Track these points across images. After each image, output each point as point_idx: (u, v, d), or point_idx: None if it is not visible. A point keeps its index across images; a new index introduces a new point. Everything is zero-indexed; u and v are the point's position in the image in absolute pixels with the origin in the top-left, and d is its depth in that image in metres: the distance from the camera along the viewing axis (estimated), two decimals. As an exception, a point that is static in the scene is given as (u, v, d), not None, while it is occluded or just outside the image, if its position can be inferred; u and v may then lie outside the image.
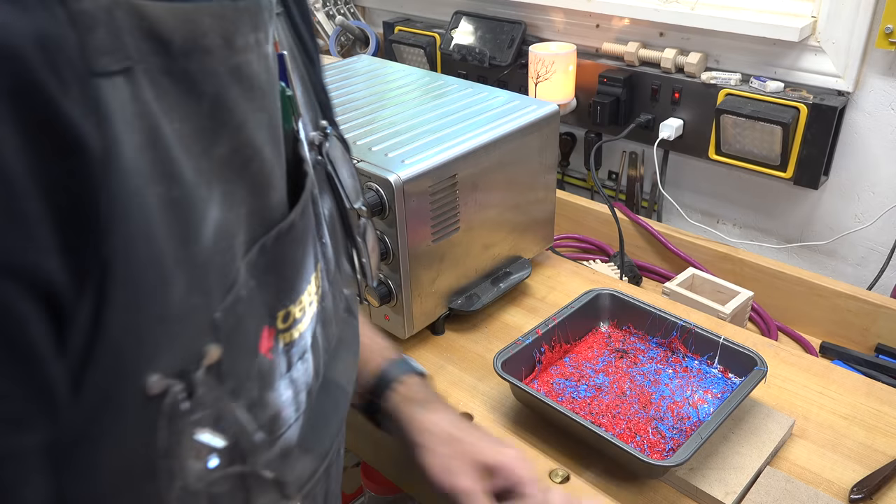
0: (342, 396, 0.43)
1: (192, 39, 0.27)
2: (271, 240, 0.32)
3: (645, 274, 1.22)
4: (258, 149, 0.31)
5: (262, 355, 0.32)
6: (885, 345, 1.02)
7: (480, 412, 0.81)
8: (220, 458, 0.30)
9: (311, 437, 0.38)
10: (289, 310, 0.34)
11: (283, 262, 0.33)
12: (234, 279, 0.30)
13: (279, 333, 0.33)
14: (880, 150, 1.15)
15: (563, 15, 1.44)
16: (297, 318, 0.35)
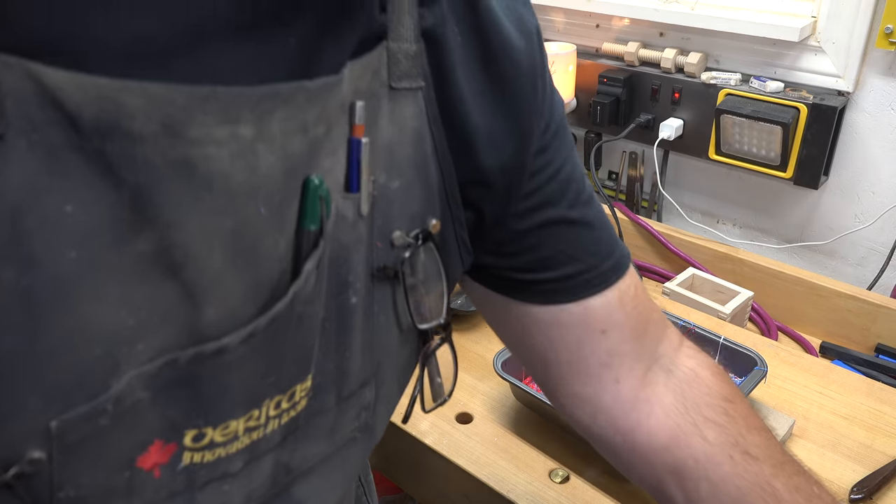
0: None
1: (110, 120, 0.24)
2: (185, 359, 0.27)
3: (645, 274, 1.22)
4: (196, 256, 0.26)
5: (139, 470, 0.28)
6: (885, 345, 1.02)
7: (480, 412, 0.81)
8: None
9: None
10: (202, 431, 0.29)
11: (199, 381, 0.28)
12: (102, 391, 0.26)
13: (185, 451, 0.29)
14: (880, 150, 1.16)
15: (563, 15, 1.44)
16: (219, 441, 0.30)
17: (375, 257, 0.34)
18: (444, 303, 0.39)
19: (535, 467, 0.73)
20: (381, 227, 0.34)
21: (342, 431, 0.37)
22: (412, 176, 0.35)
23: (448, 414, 0.80)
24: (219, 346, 0.28)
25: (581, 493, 0.70)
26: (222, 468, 0.31)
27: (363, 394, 0.37)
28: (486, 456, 0.74)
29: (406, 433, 0.78)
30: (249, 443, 0.31)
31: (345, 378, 0.35)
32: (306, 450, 0.35)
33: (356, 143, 0.31)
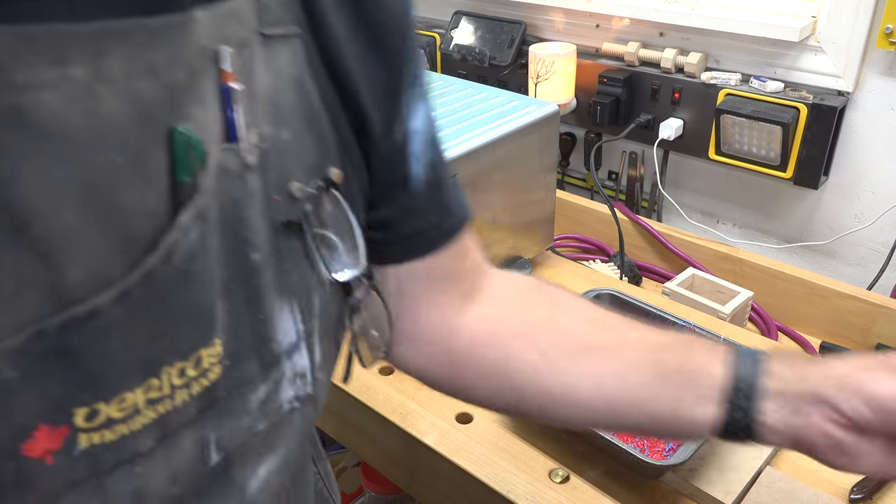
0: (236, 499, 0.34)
1: None
2: (54, 327, 0.25)
3: (645, 274, 1.22)
4: (42, 212, 0.24)
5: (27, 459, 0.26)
6: (885, 345, 1.02)
7: (480, 412, 0.81)
8: None
9: None
10: (94, 407, 0.27)
11: (78, 353, 0.26)
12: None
13: (79, 433, 0.27)
14: (880, 150, 1.16)
15: (563, 15, 1.44)
16: (117, 417, 0.27)
17: (276, 212, 0.33)
18: (359, 252, 0.38)
19: (535, 467, 0.73)
20: (277, 180, 0.33)
21: (276, 403, 0.35)
22: (301, 126, 0.34)
23: (448, 414, 0.80)
24: (90, 309, 0.26)
25: (581, 493, 0.70)
26: (130, 448, 0.28)
27: (294, 360, 0.35)
28: (486, 456, 0.74)
29: (406, 433, 0.78)
30: (157, 417, 0.29)
31: (265, 343, 0.33)
32: (235, 425, 0.33)
33: (226, 89, 0.30)
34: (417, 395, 0.83)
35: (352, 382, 0.85)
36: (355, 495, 1.21)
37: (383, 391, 0.84)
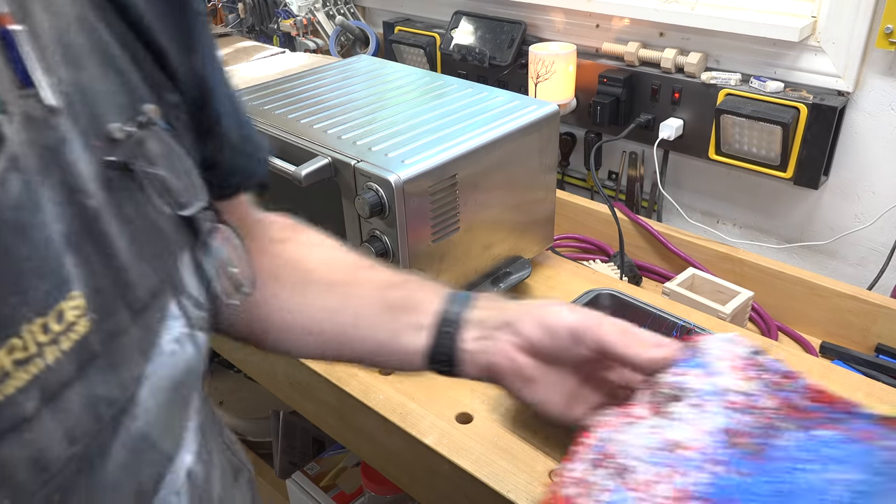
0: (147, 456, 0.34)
1: None
2: None
3: (645, 274, 1.22)
4: None
5: None
6: (885, 345, 1.02)
7: (480, 412, 0.81)
8: None
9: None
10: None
11: None
12: None
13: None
14: (880, 150, 1.16)
15: (563, 15, 1.44)
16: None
17: (101, 156, 0.32)
18: (196, 186, 0.38)
19: (535, 467, 0.73)
20: (92, 123, 0.32)
21: (157, 349, 0.35)
22: (99, 66, 0.34)
23: (448, 414, 0.80)
24: None
25: (581, 493, 0.70)
26: (10, 414, 0.27)
27: (162, 304, 0.35)
28: (486, 456, 0.74)
29: (406, 433, 0.78)
30: (31, 378, 0.28)
31: (128, 290, 0.33)
32: (122, 375, 0.32)
33: (5, 33, 0.28)
34: (417, 395, 0.83)
35: (352, 382, 0.85)
36: (355, 495, 1.21)
37: (383, 391, 0.84)
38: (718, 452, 0.42)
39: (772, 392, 0.45)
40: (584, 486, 0.43)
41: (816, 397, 0.45)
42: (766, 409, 0.44)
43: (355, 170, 0.81)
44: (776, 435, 0.43)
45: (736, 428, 0.43)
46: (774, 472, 0.41)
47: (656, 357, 0.49)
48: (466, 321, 0.52)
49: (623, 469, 0.43)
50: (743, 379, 0.45)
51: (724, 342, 0.48)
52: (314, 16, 1.82)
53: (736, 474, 0.41)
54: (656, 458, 0.43)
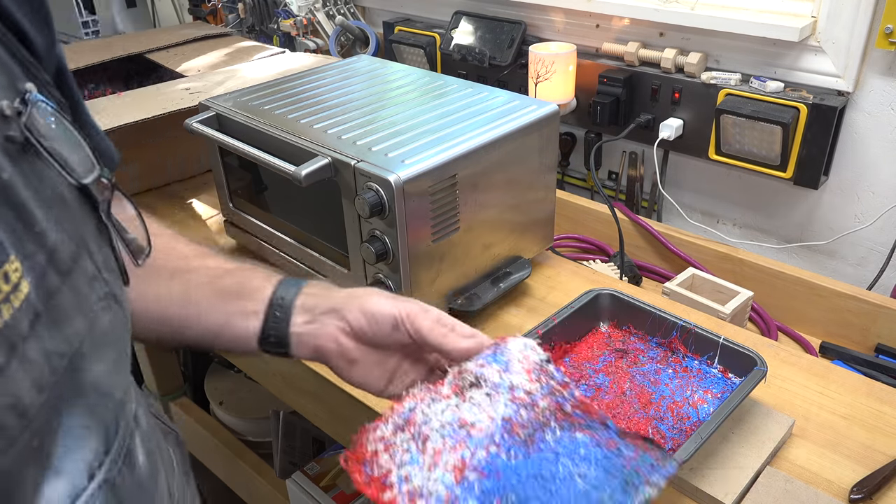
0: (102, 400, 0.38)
1: None
2: None
3: (645, 274, 1.22)
4: None
5: None
6: (885, 345, 1.02)
7: (480, 412, 0.81)
8: None
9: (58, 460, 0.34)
10: None
11: None
12: None
13: None
14: (880, 150, 1.16)
15: (563, 15, 1.44)
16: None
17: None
18: (89, 156, 0.40)
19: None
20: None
21: (89, 305, 0.38)
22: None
23: (448, 414, 0.80)
24: None
25: (581, 493, 0.70)
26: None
27: (82, 266, 0.38)
28: (486, 456, 0.74)
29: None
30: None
31: (53, 254, 0.35)
32: (66, 332, 0.35)
33: None
34: (417, 395, 0.83)
35: (352, 382, 0.85)
36: (355, 495, 1.21)
37: (383, 391, 0.84)
38: (497, 437, 0.52)
39: (549, 395, 0.54)
40: (387, 446, 0.52)
41: (581, 407, 0.54)
42: (542, 408, 0.53)
43: (355, 170, 0.81)
44: (545, 431, 0.52)
45: (515, 419, 0.52)
46: (537, 460, 0.51)
47: (463, 347, 0.56)
48: (296, 306, 0.58)
49: (421, 437, 0.52)
50: (530, 380, 0.54)
51: (524, 347, 0.56)
52: (314, 16, 1.82)
53: (506, 457, 0.51)
54: (449, 432, 0.52)
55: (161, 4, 2.45)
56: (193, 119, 0.99)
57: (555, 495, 0.49)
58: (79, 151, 0.39)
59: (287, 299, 0.58)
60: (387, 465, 0.51)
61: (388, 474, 0.50)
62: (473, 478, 0.50)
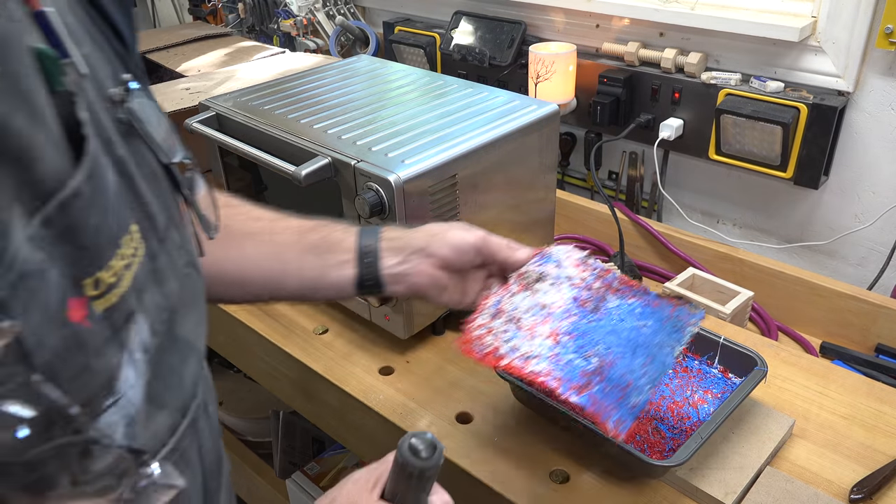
0: (190, 352, 0.44)
1: None
2: (53, 210, 0.32)
3: (645, 274, 1.22)
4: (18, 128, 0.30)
5: (75, 324, 0.33)
6: (885, 345, 1.02)
7: (481, 412, 0.81)
8: (30, 429, 0.30)
9: (162, 394, 0.40)
10: (98, 277, 0.34)
11: (75, 230, 0.33)
12: (13, 256, 0.30)
13: (93, 300, 0.34)
14: (880, 150, 1.16)
15: (563, 15, 1.44)
16: (112, 283, 0.35)
17: (111, 114, 0.39)
18: (176, 139, 0.45)
19: (535, 467, 0.73)
20: (99, 88, 0.39)
21: (178, 269, 0.44)
22: (90, 42, 0.40)
23: (448, 414, 0.80)
24: (74, 190, 0.32)
25: (581, 493, 0.70)
26: (126, 307, 0.36)
27: (171, 236, 0.44)
28: (486, 456, 0.74)
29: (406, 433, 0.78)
30: (132, 277, 0.36)
31: (154, 222, 0.41)
32: (165, 290, 0.41)
33: (41, 14, 0.34)
34: (417, 395, 0.83)
35: (352, 382, 0.85)
36: (355, 495, 1.21)
37: (383, 391, 0.84)
38: (572, 310, 0.66)
39: (598, 279, 0.69)
40: (488, 330, 0.65)
41: (625, 282, 0.70)
42: (596, 287, 0.69)
43: (355, 170, 0.81)
44: (605, 301, 0.68)
45: (580, 297, 0.67)
46: (607, 321, 0.66)
47: (523, 257, 0.69)
48: (382, 250, 0.67)
49: (514, 318, 0.66)
50: (580, 271, 0.70)
51: (566, 249, 0.72)
52: (314, 16, 1.82)
53: (585, 322, 0.66)
54: (534, 312, 0.66)
55: (161, 4, 2.45)
56: (193, 119, 0.99)
57: (629, 341, 0.64)
58: (168, 135, 0.45)
59: (372, 246, 0.67)
60: (493, 343, 0.64)
61: (497, 349, 0.63)
62: (566, 339, 0.64)
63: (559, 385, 0.61)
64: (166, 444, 0.40)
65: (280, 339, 0.93)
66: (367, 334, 0.94)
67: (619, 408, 0.60)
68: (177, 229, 0.45)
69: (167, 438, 0.40)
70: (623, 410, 0.60)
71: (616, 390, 0.61)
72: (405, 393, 0.83)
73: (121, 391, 0.35)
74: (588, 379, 0.61)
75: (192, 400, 0.44)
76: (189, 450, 0.44)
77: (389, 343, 0.91)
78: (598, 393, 0.60)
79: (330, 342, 0.93)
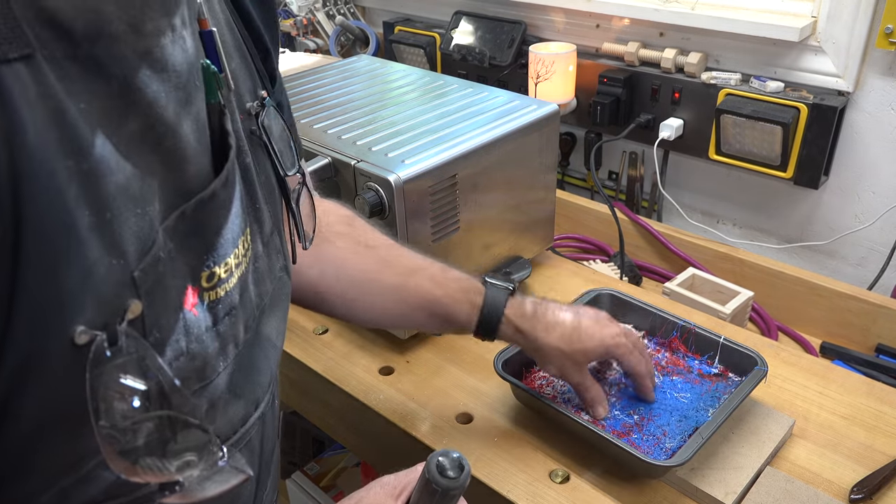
0: (271, 349, 0.46)
1: (95, 27, 0.30)
2: (191, 208, 0.35)
3: (645, 274, 1.22)
4: (172, 126, 0.34)
5: (186, 311, 0.35)
6: (885, 345, 1.02)
7: (481, 412, 0.81)
8: (142, 400, 0.32)
9: (242, 385, 0.42)
10: (213, 271, 0.37)
11: (204, 227, 0.36)
12: (152, 242, 0.33)
13: (204, 291, 0.37)
14: (880, 150, 1.15)
15: (563, 15, 1.44)
16: (223, 278, 0.38)
17: (245, 125, 0.43)
18: (295, 153, 0.49)
19: (535, 467, 0.73)
20: (239, 101, 0.43)
21: (274, 271, 0.47)
22: (239, 58, 0.45)
23: (448, 414, 0.80)
24: (212, 192, 0.36)
25: (581, 493, 0.70)
26: (229, 301, 0.39)
27: (275, 241, 0.47)
28: (486, 456, 0.74)
29: (406, 433, 0.78)
30: (240, 275, 0.40)
31: (261, 226, 0.44)
32: (260, 289, 0.44)
33: (209, 34, 0.39)
34: (417, 395, 0.83)
35: (352, 382, 0.85)
36: (355, 495, 1.21)
37: (383, 391, 0.84)
38: (623, 379, 0.80)
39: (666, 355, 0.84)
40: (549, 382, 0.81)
41: (672, 362, 0.83)
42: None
43: (355, 170, 0.81)
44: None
45: None
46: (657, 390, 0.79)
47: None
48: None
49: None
50: None
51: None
52: (314, 16, 1.82)
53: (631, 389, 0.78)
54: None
55: (161, 4, 2.45)
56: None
57: (669, 406, 0.76)
58: (291, 149, 0.48)
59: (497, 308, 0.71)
60: (552, 394, 0.79)
61: (555, 398, 0.78)
62: (614, 400, 0.78)
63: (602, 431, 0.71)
64: (237, 431, 0.42)
65: (280, 339, 0.93)
66: (366, 334, 0.94)
67: (654, 451, 0.71)
68: (279, 235, 0.48)
69: (238, 427, 0.42)
70: (657, 453, 0.70)
71: (652, 438, 0.72)
72: (405, 393, 0.83)
73: (209, 378, 0.38)
74: (628, 429, 0.74)
75: (265, 394, 0.45)
76: (254, 439, 0.46)
77: (389, 343, 0.91)
78: (636, 440, 0.72)
79: (330, 342, 0.93)
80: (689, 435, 0.71)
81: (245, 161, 0.41)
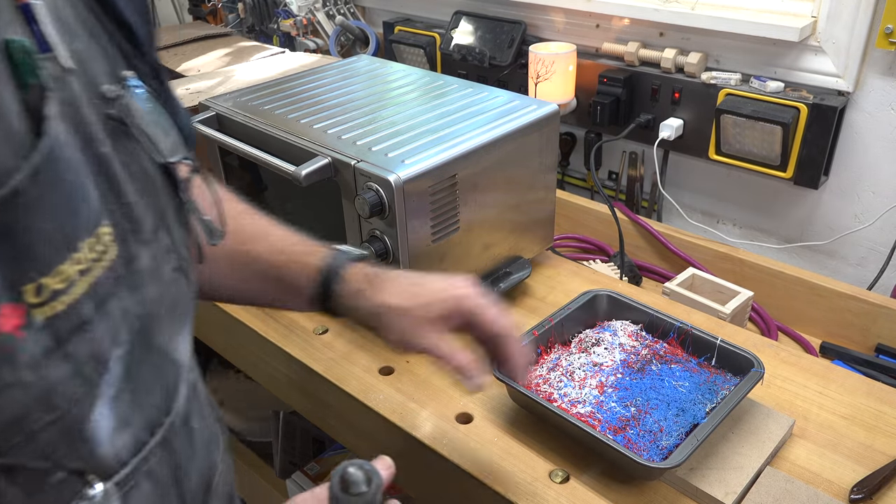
0: (169, 365, 0.42)
1: None
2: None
3: (645, 274, 1.22)
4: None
5: (5, 335, 0.31)
6: (885, 345, 1.02)
7: (479, 413, 0.81)
8: None
9: (125, 410, 0.37)
10: (40, 283, 0.32)
11: (14, 232, 0.31)
12: None
13: (33, 308, 0.32)
14: (880, 150, 1.16)
15: (563, 15, 1.44)
16: (59, 289, 0.33)
17: (100, 111, 0.38)
18: (177, 139, 0.44)
19: (535, 467, 0.73)
20: (89, 84, 0.38)
21: (163, 273, 0.41)
22: (87, 37, 0.39)
23: (448, 414, 0.80)
24: (11, 190, 0.30)
25: (581, 493, 0.70)
26: (76, 316, 0.33)
27: (160, 238, 0.42)
28: (486, 456, 0.74)
29: (406, 433, 0.78)
30: (88, 288, 0.34)
31: (136, 225, 0.39)
32: (141, 295, 0.38)
33: (27, 7, 0.34)
34: (417, 395, 0.83)
35: (352, 382, 0.85)
36: (355, 495, 1.21)
37: (383, 391, 0.84)
38: (619, 369, 0.80)
39: (646, 347, 0.83)
40: (545, 380, 0.79)
41: (670, 351, 0.83)
42: (644, 354, 0.82)
43: (355, 170, 0.81)
44: (650, 365, 0.81)
45: (629, 360, 0.81)
46: (649, 380, 0.78)
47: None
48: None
49: (569, 372, 0.80)
50: (632, 340, 0.84)
51: (622, 322, 0.87)
52: (314, 16, 1.82)
53: (629, 379, 0.79)
54: (586, 369, 0.80)
55: (161, 4, 2.45)
56: (193, 119, 0.99)
57: (665, 397, 0.76)
58: (170, 134, 0.43)
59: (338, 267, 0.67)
60: (548, 390, 0.78)
61: (550, 395, 0.77)
62: (610, 391, 0.77)
63: (598, 425, 0.72)
64: (126, 464, 0.38)
65: (280, 339, 0.93)
66: (367, 334, 0.94)
67: (650, 449, 0.70)
68: (168, 232, 0.43)
69: (128, 458, 0.38)
70: (653, 451, 0.70)
71: (649, 434, 0.72)
72: (405, 393, 0.83)
73: (63, 407, 0.33)
74: (625, 423, 0.73)
75: (164, 417, 0.41)
76: (158, 471, 0.41)
77: (389, 343, 0.91)
78: (632, 435, 0.72)
79: (330, 342, 0.93)
80: (687, 432, 0.71)
81: (99, 151, 0.36)
